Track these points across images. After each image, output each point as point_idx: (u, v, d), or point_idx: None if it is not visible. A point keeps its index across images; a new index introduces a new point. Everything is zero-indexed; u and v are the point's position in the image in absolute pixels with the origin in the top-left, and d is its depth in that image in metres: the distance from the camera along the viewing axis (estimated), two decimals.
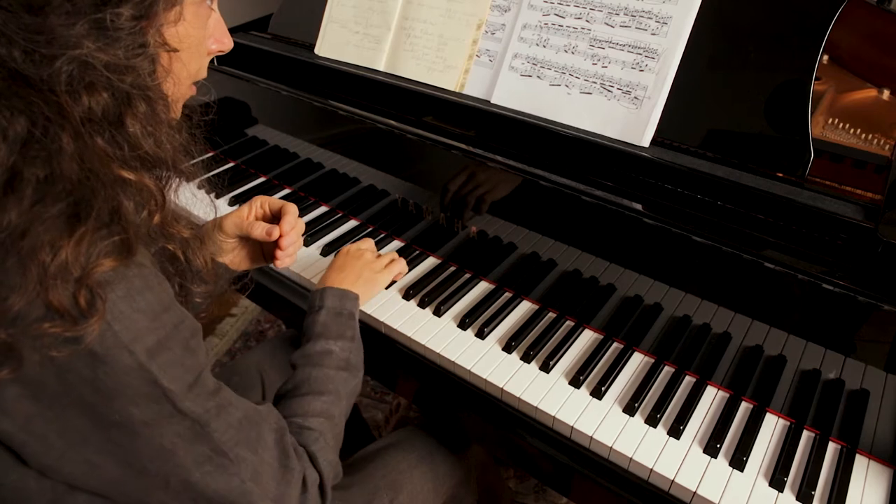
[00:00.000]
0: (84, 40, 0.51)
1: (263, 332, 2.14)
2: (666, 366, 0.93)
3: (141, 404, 0.55)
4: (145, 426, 0.56)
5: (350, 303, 0.88)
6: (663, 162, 0.88)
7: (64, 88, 0.51)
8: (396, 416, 1.77)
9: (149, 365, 0.55)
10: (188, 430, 0.58)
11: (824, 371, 0.82)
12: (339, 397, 0.78)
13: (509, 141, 1.01)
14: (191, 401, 0.58)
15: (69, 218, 0.52)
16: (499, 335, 0.98)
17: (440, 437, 1.04)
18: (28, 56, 0.50)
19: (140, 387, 0.55)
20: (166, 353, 0.56)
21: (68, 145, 0.51)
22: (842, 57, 1.06)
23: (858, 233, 0.77)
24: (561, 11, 1.00)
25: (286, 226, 0.91)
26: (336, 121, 1.17)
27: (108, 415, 0.55)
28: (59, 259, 0.50)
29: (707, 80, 0.91)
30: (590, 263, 0.96)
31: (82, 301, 0.51)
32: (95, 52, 0.51)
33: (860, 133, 0.95)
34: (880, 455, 0.81)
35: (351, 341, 0.84)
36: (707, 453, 0.81)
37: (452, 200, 1.07)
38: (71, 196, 0.52)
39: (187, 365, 0.58)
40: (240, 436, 0.62)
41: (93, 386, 0.54)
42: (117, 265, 0.53)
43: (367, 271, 0.97)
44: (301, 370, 0.79)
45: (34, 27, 0.49)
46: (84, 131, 0.52)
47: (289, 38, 1.34)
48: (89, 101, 0.52)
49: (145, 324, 0.55)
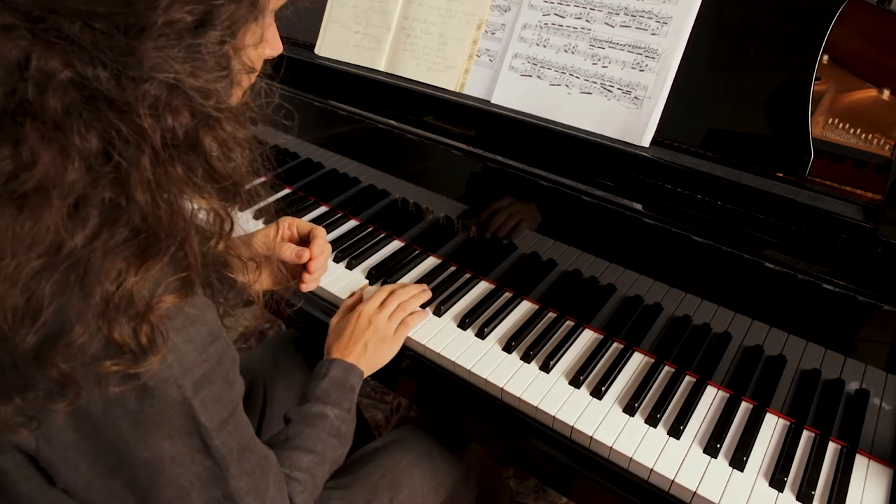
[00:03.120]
0: (175, 64, 0.50)
1: (263, 332, 2.14)
2: (666, 366, 0.93)
3: (174, 439, 0.55)
4: (172, 462, 0.56)
5: (354, 378, 0.88)
6: (663, 162, 0.88)
7: (148, 112, 0.49)
8: (397, 416, 1.77)
9: (192, 399, 0.55)
10: (207, 470, 0.58)
11: (824, 371, 0.82)
12: (325, 461, 0.78)
13: (509, 141, 1.01)
14: (221, 439, 0.58)
15: (138, 248, 0.51)
16: (499, 335, 0.98)
17: (439, 436, 1.04)
18: (115, 78, 0.48)
19: (180, 421, 0.55)
20: (209, 386, 0.56)
21: (145, 169, 0.50)
22: (842, 57, 1.06)
23: (858, 233, 0.77)
24: (561, 11, 1.00)
25: (316, 249, 0.92)
26: (336, 121, 1.17)
27: (140, 451, 0.55)
28: (124, 290, 0.49)
29: (707, 80, 0.91)
30: (590, 263, 0.96)
31: (143, 337, 0.50)
32: (185, 77, 0.50)
33: (860, 133, 0.95)
34: (880, 455, 0.81)
35: (347, 412, 0.84)
36: (707, 453, 0.81)
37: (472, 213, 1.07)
38: (141, 225, 0.51)
39: (225, 399, 0.58)
40: (252, 484, 0.62)
41: (135, 419, 0.53)
42: (180, 301, 0.53)
43: (373, 342, 0.93)
44: (295, 425, 0.80)
45: (126, 49, 0.48)
46: (164, 156, 0.51)
47: (289, 37, 1.34)
48: (173, 124, 0.51)
49: (194, 356, 0.55)
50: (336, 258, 1.14)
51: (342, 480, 0.94)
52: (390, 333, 0.95)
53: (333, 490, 0.91)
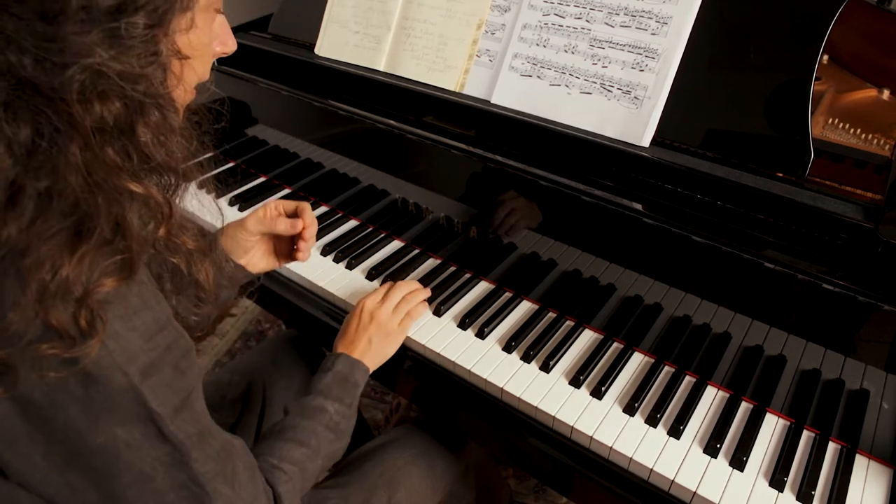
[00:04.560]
0: (98, 49, 0.50)
1: (263, 332, 2.14)
2: (666, 366, 0.93)
3: (127, 425, 0.55)
4: (127, 448, 0.55)
5: (358, 373, 0.89)
6: (663, 162, 0.88)
7: (76, 98, 0.49)
8: (397, 416, 1.77)
9: (140, 386, 0.54)
10: (168, 455, 0.58)
11: (824, 371, 0.82)
12: (317, 455, 0.78)
13: (509, 141, 1.01)
14: (176, 425, 0.57)
15: (72, 235, 0.51)
16: (499, 335, 0.98)
17: (437, 435, 1.04)
18: (39, 64, 0.48)
19: (129, 407, 0.54)
20: (158, 374, 0.56)
21: (75, 156, 0.50)
22: (842, 57, 1.06)
23: (858, 233, 0.77)
24: (561, 11, 1.00)
25: (307, 219, 0.97)
26: (336, 121, 1.17)
27: (93, 438, 0.54)
28: (59, 278, 0.49)
29: (707, 80, 0.91)
30: (590, 263, 0.96)
31: (83, 321, 0.50)
32: (109, 61, 0.50)
33: (860, 133, 0.95)
34: (880, 455, 0.81)
35: (348, 408, 0.84)
36: (707, 453, 0.81)
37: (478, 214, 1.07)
38: (75, 211, 0.51)
39: (176, 387, 0.58)
40: (218, 468, 0.61)
41: (83, 405, 0.53)
42: (119, 285, 0.52)
43: (377, 337, 0.94)
44: (292, 417, 0.80)
45: (47, 35, 0.48)
46: (94, 142, 0.51)
47: (289, 38, 1.34)
48: (101, 111, 0.51)
49: (140, 344, 0.54)
50: (336, 258, 1.14)
51: (340, 479, 0.94)
52: (394, 327, 0.95)
53: (331, 489, 0.91)
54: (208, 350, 2.08)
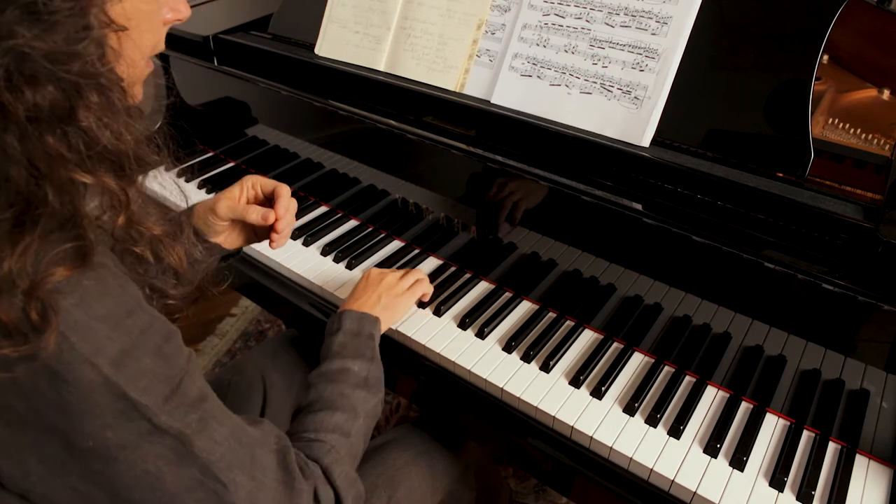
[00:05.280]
0: (18, 28, 0.45)
1: (263, 332, 2.14)
2: (666, 366, 0.93)
3: (114, 425, 0.51)
4: (122, 450, 0.52)
5: (369, 325, 0.85)
6: (663, 162, 0.88)
7: (3, 85, 0.45)
8: (397, 416, 1.77)
9: (115, 377, 0.51)
10: (170, 450, 0.54)
11: (824, 371, 0.82)
12: (356, 414, 0.75)
13: (509, 141, 1.01)
14: (167, 414, 0.53)
15: (12, 227, 0.48)
16: (499, 335, 0.98)
17: (437, 434, 1.04)
18: None
19: (109, 403, 0.51)
20: (134, 362, 0.52)
21: (13, 148, 0.47)
22: (842, 57, 1.06)
23: (858, 233, 0.77)
24: (561, 11, 1.00)
25: (281, 209, 0.90)
26: (336, 121, 1.17)
27: (81, 441, 0.51)
28: (2, 271, 0.47)
29: (707, 80, 0.91)
30: (590, 263, 0.96)
31: (34, 314, 0.47)
32: (32, 41, 0.46)
33: (860, 133, 0.95)
34: (880, 455, 0.81)
35: (370, 361, 0.81)
36: (707, 453, 0.81)
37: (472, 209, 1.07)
38: (16, 202, 0.48)
39: (161, 374, 0.54)
40: (231, 457, 0.57)
41: (59, 409, 0.50)
42: (71, 273, 0.49)
43: (387, 296, 0.93)
44: (315, 388, 0.77)
45: None
46: (31, 131, 0.47)
47: (289, 38, 1.34)
48: (33, 97, 0.47)
49: (106, 332, 0.51)
50: (336, 258, 1.14)
51: None
52: (404, 288, 0.95)
53: None
54: (208, 350, 2.08)
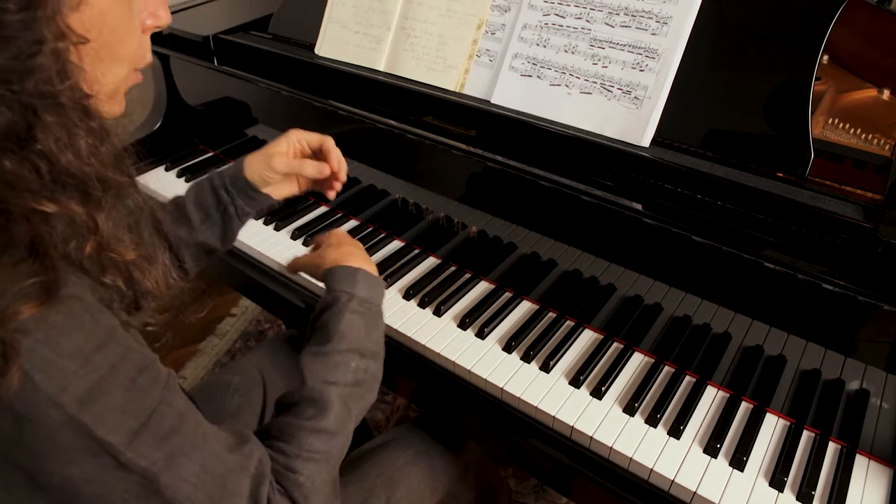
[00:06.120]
0: None
1: (263, 332, 2.14)
2: (666, 366, 0.93)
3: (78, 461, 0.49)
4: (87, 484, 0.50)
5: (379, 294, 0.81)
6: (663, 162, 0.88)
7: None
8: (397, 416, 1.77)
9: (80, 416, 0.48)
10: (137, 485, 0.52)
11: (824, 371, 0.82)
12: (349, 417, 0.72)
13: (509, 141, 1.01)
14: (134, 451, 0.50)
15: None
16: (499, 335, 0.98)
17: (436, 434, 1.04)
18: None
19: (73, 442, 0.48)
20: (102, 398, 0.49)
21: None
22: (842, 57, 1.06)
23: (858, 233, 0.77)
24: (561, 11, 1.00)
25: (334, 163, 0.95)
26: (336, 121, 1.17)
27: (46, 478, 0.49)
28: None
29: (707, 80, 0.91)
30: (590, 263, 0.96)
31: None
32: None
33: (860, 133, 0.95)
34: (880, 455, 0.81)
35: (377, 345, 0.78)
36: (707, 453, 0.81)
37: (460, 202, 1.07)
38: None
39: (131, 408, 0.51)
40: (197, 495, 0.54)
41: (23, 447, 0.48)
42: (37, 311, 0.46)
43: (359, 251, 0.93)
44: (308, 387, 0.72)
45: None
46: None
47: (289, 38, 1.34)
48: None
49: (73, 369, 0.48)
50: None
51: (339, 479, 0.93)
52: None
53: None
54: (208, 350, 2.08)
